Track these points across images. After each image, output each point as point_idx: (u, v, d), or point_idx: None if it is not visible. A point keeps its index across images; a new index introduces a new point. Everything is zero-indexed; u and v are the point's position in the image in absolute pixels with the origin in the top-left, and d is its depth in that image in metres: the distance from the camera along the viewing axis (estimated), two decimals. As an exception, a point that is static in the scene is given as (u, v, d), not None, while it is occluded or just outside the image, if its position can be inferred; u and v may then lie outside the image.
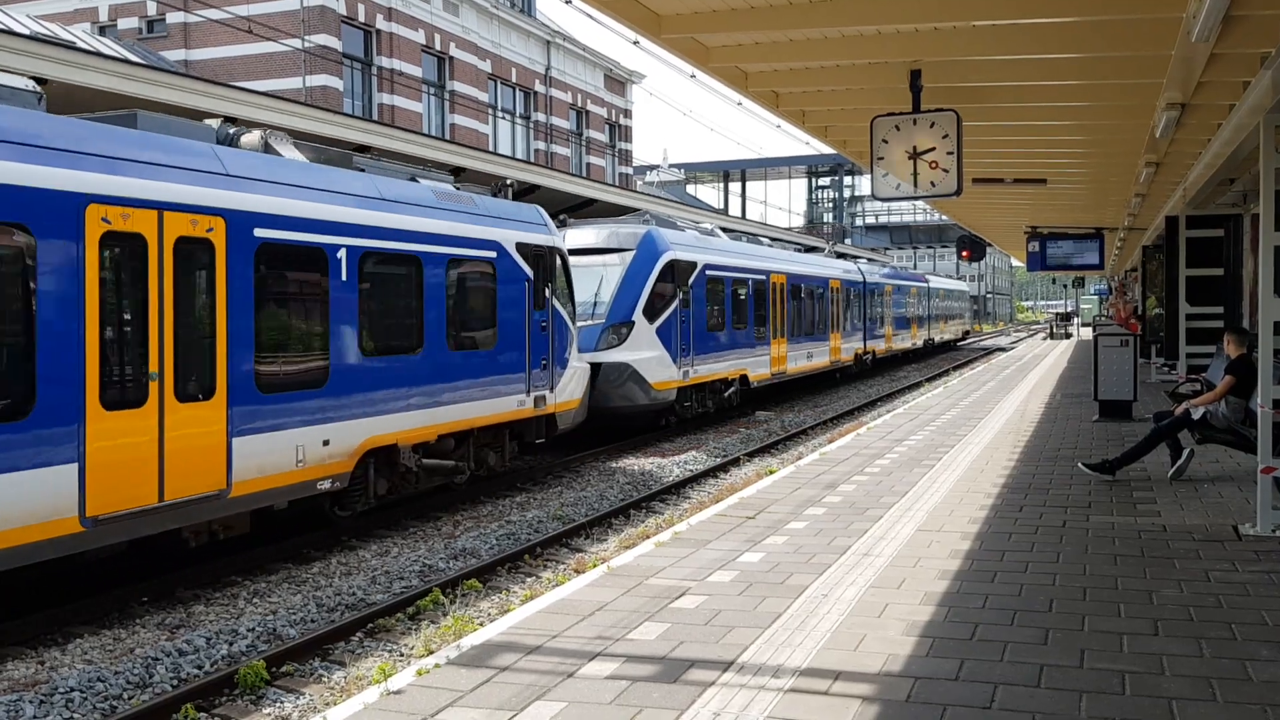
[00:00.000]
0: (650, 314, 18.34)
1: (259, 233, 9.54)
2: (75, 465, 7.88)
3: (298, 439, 9.98)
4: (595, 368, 16.93)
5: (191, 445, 8.87)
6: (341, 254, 10.50)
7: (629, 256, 18.51)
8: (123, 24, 33.13)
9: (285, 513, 10.99)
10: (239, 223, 9.34)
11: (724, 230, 26.00)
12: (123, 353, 8.42)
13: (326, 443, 10.35)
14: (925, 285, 45.90)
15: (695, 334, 19.90)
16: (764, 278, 23.96)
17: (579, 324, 16.31)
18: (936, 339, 47.60)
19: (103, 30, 33.00)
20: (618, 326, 17.97)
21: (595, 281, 18.27)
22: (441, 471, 12.51)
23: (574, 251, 17.60)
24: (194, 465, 8.89)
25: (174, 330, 8.72)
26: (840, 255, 36.94)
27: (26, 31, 21.11)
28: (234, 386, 9.26)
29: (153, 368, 8.50)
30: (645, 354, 18.06)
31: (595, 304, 18.10)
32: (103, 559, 8.93)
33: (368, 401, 10.90)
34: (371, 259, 10.97)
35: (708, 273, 20.74)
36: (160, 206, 8.61)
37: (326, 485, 10.44)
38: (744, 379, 22.53)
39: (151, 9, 32.61)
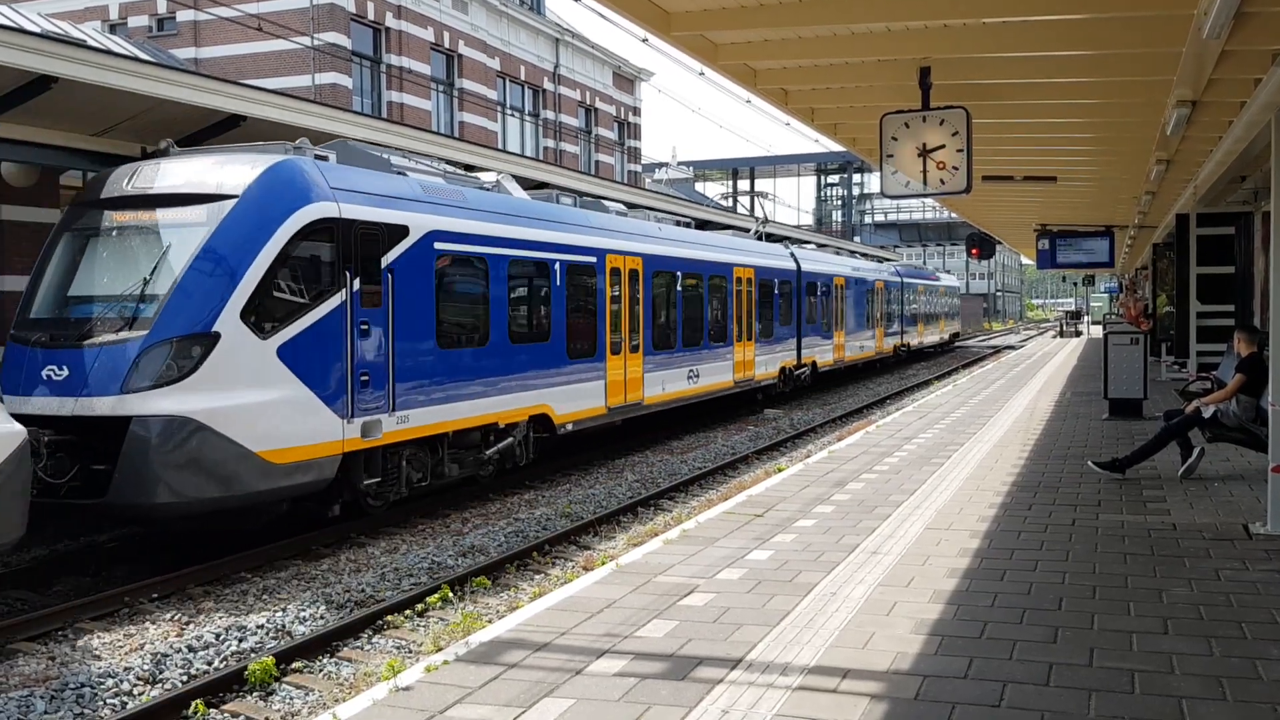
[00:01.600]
0: (263, 318, 10.08)
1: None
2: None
3: None
4: (116, 428, 9.32)
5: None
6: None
7: (222, 211, 10.14)
8: (133, 22, 33.19)
9: (288, 511, 11.02)
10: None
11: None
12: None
13: None
14: (898, 281, 38.24)
15: (407, 353, 11.70)
16: (590, 260, 15.93)
17: (82, 335, 9.78)
18: (915, 343, 40.81)
19: (113, 28, 33.06)
20: (178, 344, 9.59)
21: (138, 258, 10.28)
22: None
23: (117, 203, 10.55)
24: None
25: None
26: (770, 238, 29.17)
27: (37, 29, 21.16)
28: None
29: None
30: (246, 396, 9.85)
31: (130, 301, 9.94)
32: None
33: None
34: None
35: (440, 247, 12.35)
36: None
37: None
38: (543, 420, 14.63)
39: (161, 7, 32.68)
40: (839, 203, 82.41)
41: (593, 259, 16.06)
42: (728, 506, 9.88)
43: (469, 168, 16.52)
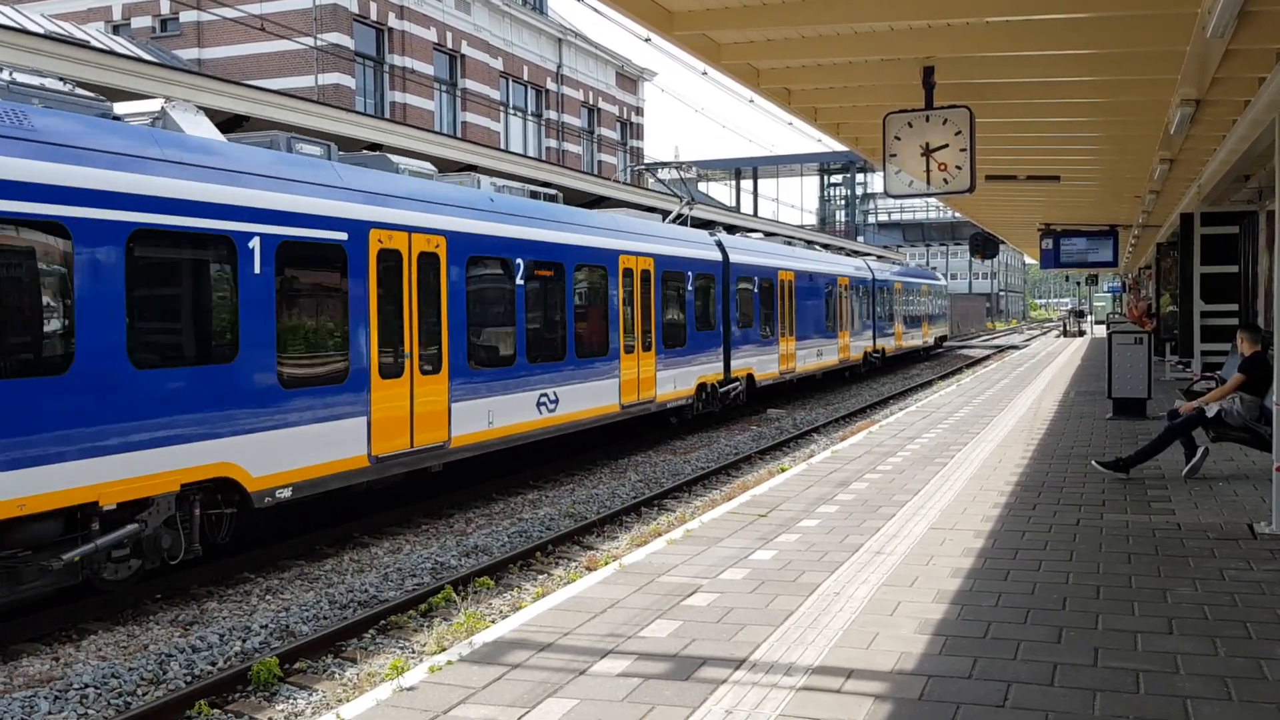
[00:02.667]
0: None
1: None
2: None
3: None
4: None
5: None
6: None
7: None
8: (136, 23, 33.25)
9: (291, 512, 11.03)
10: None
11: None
12: None
13: None
14: (867, 277, 32.31)
15: None
16: (330, 239, 10.55)
17: None
18: (891, 348, 35.48)
19: (116, 29, 33.13)
20: None
21: None
22: None
23: None
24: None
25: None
26: (681, 220, 22.85)
27: (41, 31, 21.18)
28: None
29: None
30: None
31: None
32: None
33: None
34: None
35: None
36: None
37: None
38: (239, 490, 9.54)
39: (165, 8, 32.73)
40: (842, 203, 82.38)
41: (336, 236, 10.59)
42: (731, 506, 9.87)
43: (471, 168, 16.52)
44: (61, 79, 9.44)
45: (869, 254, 41.19)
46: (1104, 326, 46.95)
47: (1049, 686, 5.09)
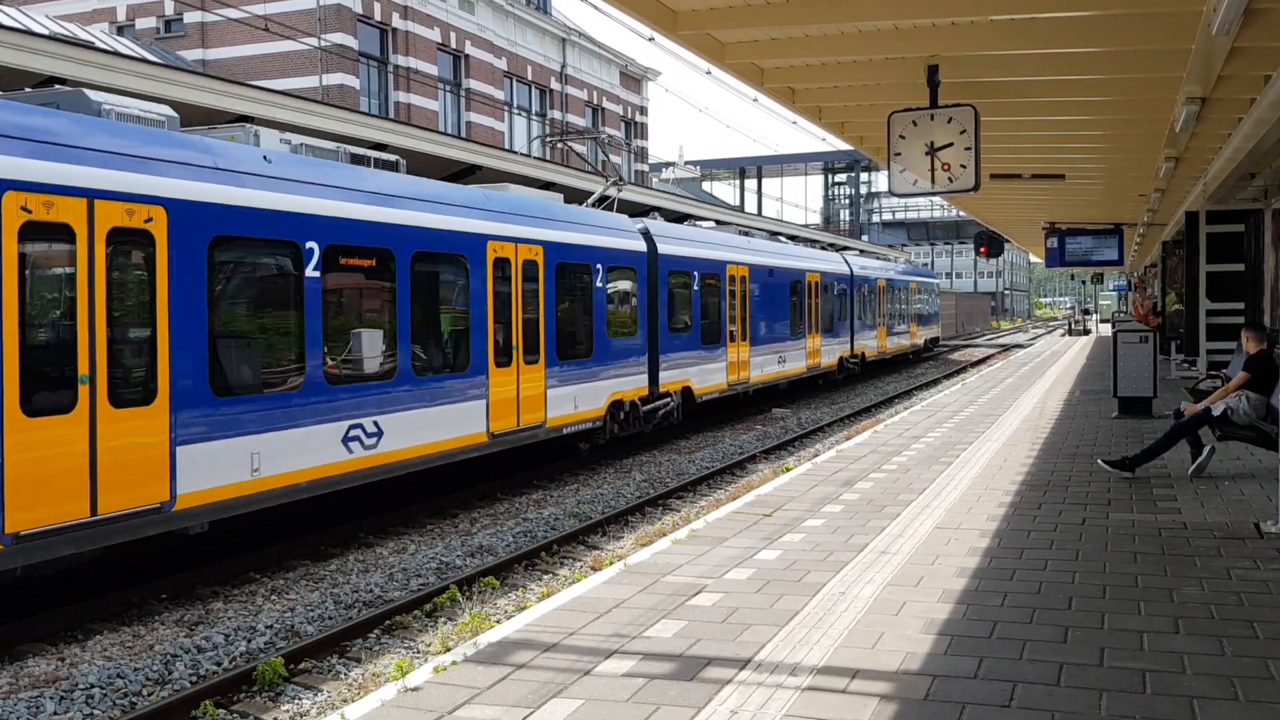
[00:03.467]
0: None
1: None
2: None
3: None
4: None
5: None
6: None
7: None
8: (140, 24, 33.29)
9: (297, 511, 11.03)
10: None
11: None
12: None
13: None
14: (843, 273, 28.70)
15: None
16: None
17: None
18: (874, 351, 32.32)
19: (121, 30, 33.17)
20: None
21: None
22: None
23: None
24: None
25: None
26: (607, 203, 19.12)
27: (45, 32, 21.22)
28: None
29: None
30: None
31: None
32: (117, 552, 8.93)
33: None
34: None
35: None
36: None
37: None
38: None
39: (169, 8, 32.76)
40: (846, 201, 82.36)
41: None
42: (736, 506, 9.86)
43: (473, 169, 16.51)
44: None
45: (851, 248, 38.60)
46: (1109, 325, 46.81)
47: (1055, 686, 5.07)
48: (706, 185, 74.60)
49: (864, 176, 79.49)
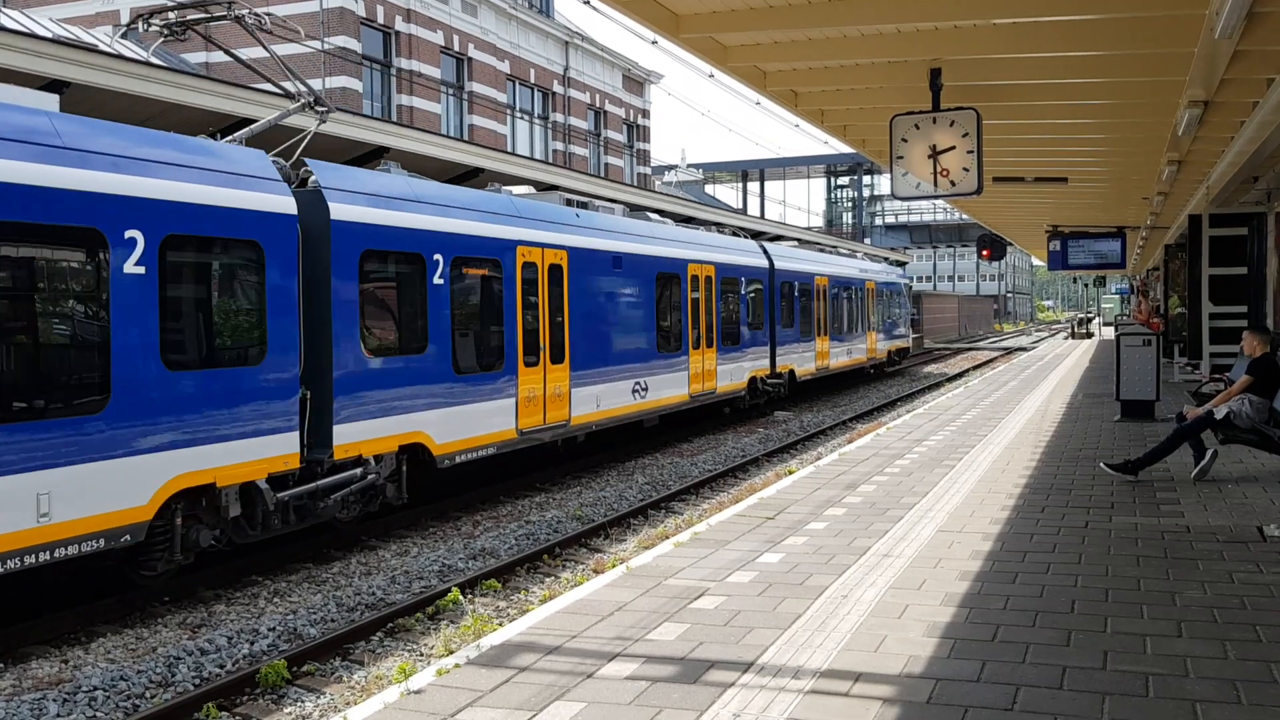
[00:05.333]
0: None
1: None
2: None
3: None
4: None
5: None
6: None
7: None
8: (143, 25, 33.33)
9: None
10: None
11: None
12: None
13: None
14: (761, 265, 22.84)
15: None
16: None
17: None
18: (813, 368, 25.86)
19: (125, 34, 33.20)
20: None
21: None
22: None
23: None
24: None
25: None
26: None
27: (49, 35, 21.27)
28: None
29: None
30: None
31: None
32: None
33: None
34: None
35: None
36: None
37: None
38: None
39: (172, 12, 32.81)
40: (849, 204, 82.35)
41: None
42: (739, 509, 9.87)
43: (477, 170, 16.51)
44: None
45: (795, 238, 31.02)
46: (1112, 328, 46.71)
47: (1058, 689, 5.07)
48: (709, 188, 74.63)
49: (866, 179, 79.51)
